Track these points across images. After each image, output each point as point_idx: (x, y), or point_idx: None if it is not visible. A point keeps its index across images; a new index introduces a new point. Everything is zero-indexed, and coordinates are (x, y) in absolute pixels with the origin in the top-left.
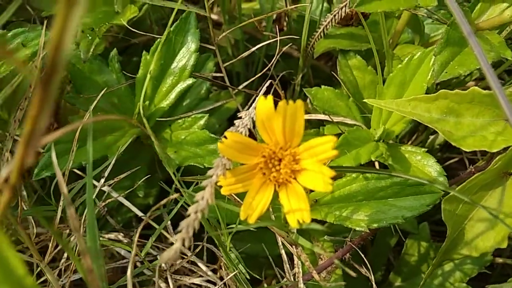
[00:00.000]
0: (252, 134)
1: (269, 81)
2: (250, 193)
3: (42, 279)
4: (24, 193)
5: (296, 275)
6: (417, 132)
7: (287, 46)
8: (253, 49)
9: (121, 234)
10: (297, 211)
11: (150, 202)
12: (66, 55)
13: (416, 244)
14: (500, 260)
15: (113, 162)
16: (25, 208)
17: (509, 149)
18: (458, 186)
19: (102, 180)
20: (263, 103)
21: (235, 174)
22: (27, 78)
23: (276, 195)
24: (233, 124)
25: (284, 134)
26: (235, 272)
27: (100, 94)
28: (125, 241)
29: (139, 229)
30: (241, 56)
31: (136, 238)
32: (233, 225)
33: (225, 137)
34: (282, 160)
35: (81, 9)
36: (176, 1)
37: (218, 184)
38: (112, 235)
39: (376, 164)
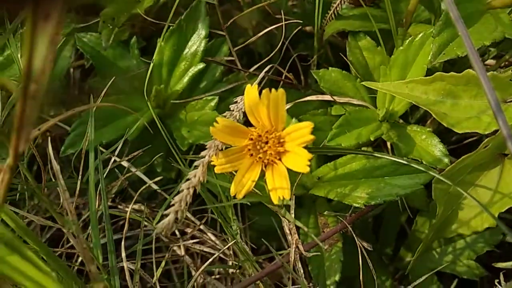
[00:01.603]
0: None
1: (269, 66)
2: (240, 172)
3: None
4: (58, 167)
5: (291, 246)
6: None
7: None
8: (267, 30)
9: (140, 205)
10: (279, 189)
11: (173, 176)
12: (39, 69)
13: (427, 221)
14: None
15: (131, 139)
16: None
17: (499, 131)
18: (448, 167)
19: (108, 158)
20: (249, 91)
21: (226, 155)
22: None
23: (263, 174)
24: None
25: (270, 119)
26: (231, 243)
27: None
28: (148, 211)
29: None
30: (256, 36)
31: (145, 209)
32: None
33: (216, 121)
34: (268, 143)
35: (52, 28)
36: None
37: (212, 164)
38: (136, 206)
39: (388, 144)
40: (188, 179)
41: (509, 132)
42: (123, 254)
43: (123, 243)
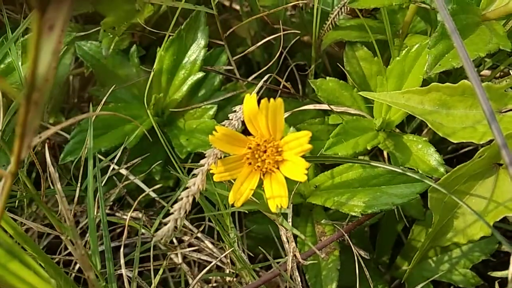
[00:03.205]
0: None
1: (268, 75)
2: (238, 180)
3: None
4: (57, 175)
5: (288, 254)
6: None
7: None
8: (265, 40)
9: (138, 212)
10: (277, 197)
11: (171, 185)
12: (42, 76)
13: (423, 230)
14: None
15: (130, 147)
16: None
17: (493, 141)
18: (443, 177)
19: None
20: (248, 101)
21: (225, 163)
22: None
23: (261, 183)
24: None
25: (268, 129)
26: (229, 251)
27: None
28: (146, 218)
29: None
30: (255, 46)
31: (142, 216)
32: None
33: (216, 130)
34: (266, 152)
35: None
36: (187, 1)
37: (211, 172)
38: (134, 214)
39: (385, 153)
40: (187, 187)
41: (503, 141)
42: (122, 261)
43: (122, 250)
